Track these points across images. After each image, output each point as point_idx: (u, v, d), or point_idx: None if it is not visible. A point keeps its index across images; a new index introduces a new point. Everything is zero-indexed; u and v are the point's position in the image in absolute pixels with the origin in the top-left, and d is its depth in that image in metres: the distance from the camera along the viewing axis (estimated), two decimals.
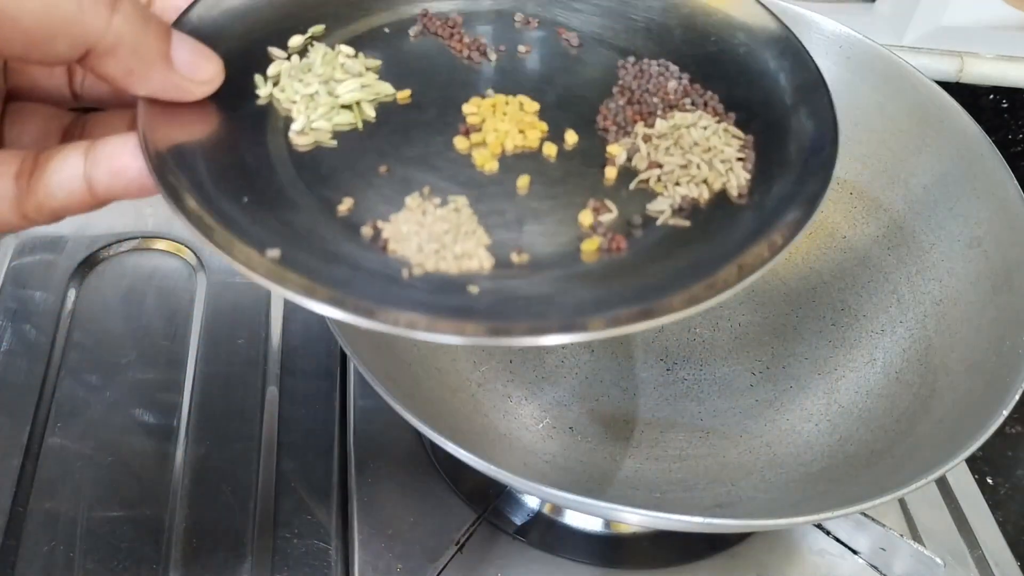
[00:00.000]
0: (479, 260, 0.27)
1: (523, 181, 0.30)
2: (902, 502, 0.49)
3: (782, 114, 0.32)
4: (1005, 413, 0.36)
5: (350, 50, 0.33)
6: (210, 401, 0.50)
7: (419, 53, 0.34)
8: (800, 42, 0.33)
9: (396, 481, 0.46)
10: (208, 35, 0.30)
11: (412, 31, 0.34)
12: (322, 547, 0.45)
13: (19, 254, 0.56)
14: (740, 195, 0.30)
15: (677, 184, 0.30)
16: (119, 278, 0.56)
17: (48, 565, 0.43)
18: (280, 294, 0.25)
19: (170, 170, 0.27)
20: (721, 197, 0.30)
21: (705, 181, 0.30)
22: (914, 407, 0.43)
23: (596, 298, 0.26)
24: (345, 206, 0.28)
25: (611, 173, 0.30)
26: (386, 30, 0.34)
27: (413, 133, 0.31)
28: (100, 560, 0.43)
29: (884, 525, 0.43)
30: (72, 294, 0.54)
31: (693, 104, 0.32)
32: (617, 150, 0.31)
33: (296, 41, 0.32)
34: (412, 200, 0.29)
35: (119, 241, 0.57)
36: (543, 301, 0.26)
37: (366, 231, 0.28)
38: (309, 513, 0.46)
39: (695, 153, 0.30)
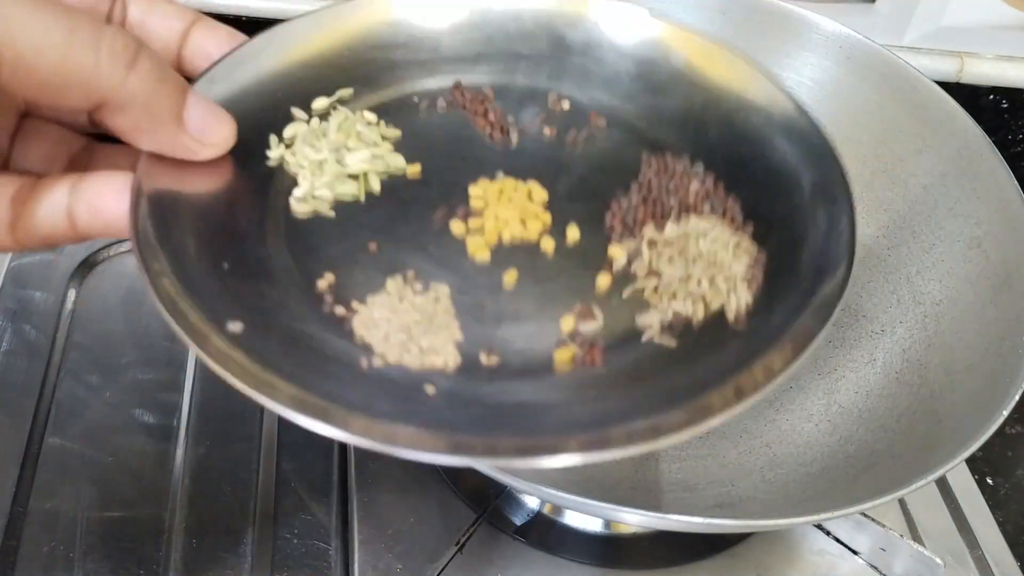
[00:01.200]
0: (445, 357, 0.26)
1: (511, 276, 0.29)
2: (902, 502, 0.49)
3: (801, 232, 0.29)
4: (1005, 413, 0.36)
5: (372, 117, 0.32)
6: (210, 401, 0.50)
7: (441, 126, 0.33)
8: (843, 169, 0.30)
9: (396, 481, 0.46)
10: (234, 90, 0.29)
11: (441, 103, 0.33)
12: (322, 547, 0.45)
13: (19, 254, 0.56)
14: (737, 319, 0.27)
15: (673, 297, 0.28)
16: (119, 278, 0.56)
17: (48, 565, 0.43)
18: (229, 382, 0.24)
19: (155, 221, 0.25)
20: (716, 318, 0.28)
21: (703, 298, 0.28)
22: (914, 407, 0.43)
23: (555, 420, 0.25)
24: (325, 281, 0.28)
25: (605, 279, 0.29)
26: (415, 99, 0.33)
27: (412, 211, 0.30)
28: (100, 560, 0.43)
29: (884, 525, 0.43)
30: (72, 294, 0.54)
31: (712, 209, 0.30)
32: (618, 252, 0.29)
33: (320, 103, 0.31)
34: (393, 283, 0.28)
35: (119, 241, 0.57)
36: (495, 415, 0.25)
37: (339, 311, 0.27)
38: (309, 513, 0.46)
39: (699, 266, 0.28)
